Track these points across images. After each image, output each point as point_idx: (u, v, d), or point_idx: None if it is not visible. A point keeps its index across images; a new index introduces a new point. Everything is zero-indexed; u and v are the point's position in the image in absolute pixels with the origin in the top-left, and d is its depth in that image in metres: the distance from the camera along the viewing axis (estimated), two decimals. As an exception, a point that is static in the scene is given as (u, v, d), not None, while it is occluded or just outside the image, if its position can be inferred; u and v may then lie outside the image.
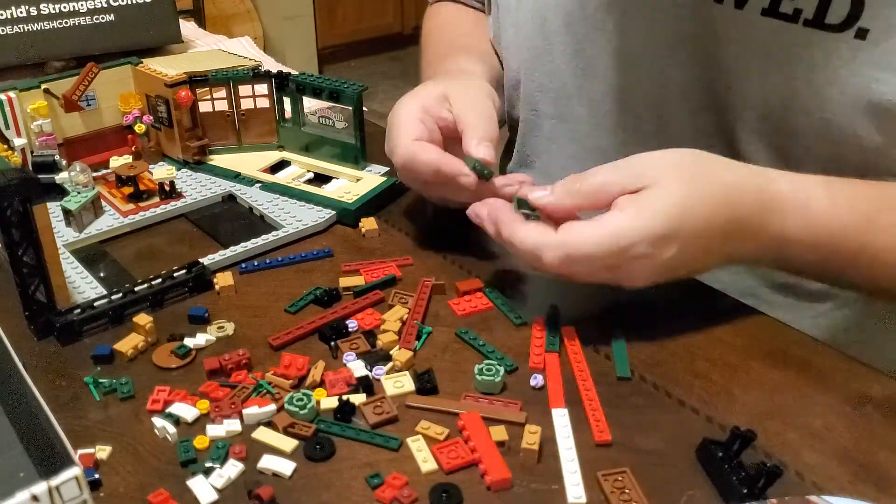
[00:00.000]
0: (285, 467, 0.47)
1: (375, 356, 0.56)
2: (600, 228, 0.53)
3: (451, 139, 0.65)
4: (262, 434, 0.50)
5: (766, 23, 0.63)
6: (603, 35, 0.73)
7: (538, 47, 0.79)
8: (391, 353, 0.56)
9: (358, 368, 0.55)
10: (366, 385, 0.53)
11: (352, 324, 0.59)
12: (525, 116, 0.84)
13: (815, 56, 0.61)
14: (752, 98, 0.67)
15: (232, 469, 0.47)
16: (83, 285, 0.64)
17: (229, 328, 0.59)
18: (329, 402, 0.52)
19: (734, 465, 0.46)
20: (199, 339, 0.58)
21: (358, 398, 0.52)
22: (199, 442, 0.49)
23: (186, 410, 0.51)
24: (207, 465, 0.47)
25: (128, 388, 0.53)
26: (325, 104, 0.80)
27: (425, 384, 0.53)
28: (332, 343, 0.57)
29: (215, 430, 0.50)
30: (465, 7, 0.96)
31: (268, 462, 0.48)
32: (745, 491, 0.44)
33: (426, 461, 0.48)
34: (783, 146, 0.67)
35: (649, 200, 0.53)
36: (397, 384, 0.53)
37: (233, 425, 0.50)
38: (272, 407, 0.51)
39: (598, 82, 0.76)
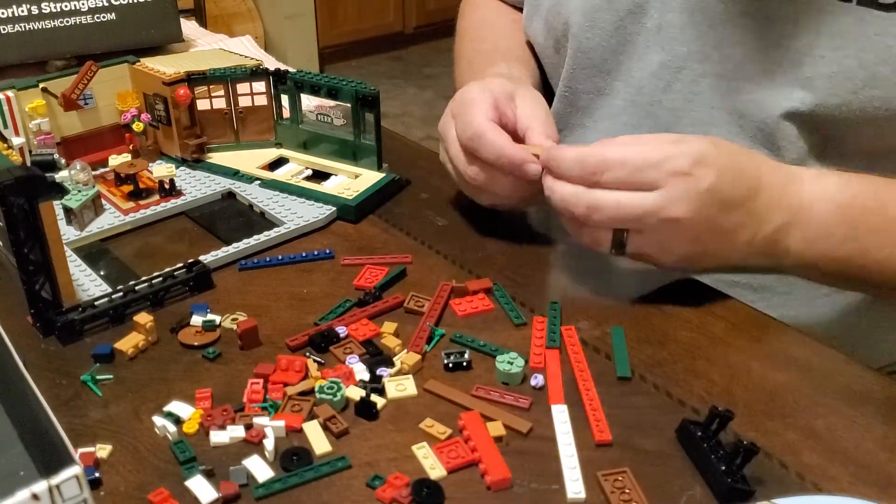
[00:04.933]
0: (262, 473, 0.47)
1: (378, 359, 0.56)
2: (641, 139, 0.58)
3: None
4: (307, 427, 0.50)
5: (820, 1, 0.64)
6: (644, 11, 0.74)
7: (579, 23, 0.79)
8: (395, 358, 0.56)
9: (360, 371, 0.55)
10: (375, 388, 0.53)
11: (342, 330, 0.58)
12: (560, 92, 0.84)
13: (866, 34, 0.63)
14: (798, 76, 0.67)
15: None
16: (87, 283, 0.64)
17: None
18: (352, 392, 0.53)
19: (712, 444, 0.47)
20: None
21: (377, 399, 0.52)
22: (188, 427, 0.50)
23: (184, 410, 0.51)
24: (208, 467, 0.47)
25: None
26: (327, 102, 0.80)
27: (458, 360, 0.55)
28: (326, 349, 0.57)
29: (219, 437, 0.50)
30: (502, 4, 0.95)
31: (248, 465, 0.48)
32: (723, 468, 0.45)
33: (433, 468, 0.47)
34: (824, 126, 0.67)
35: (685, 139, 0.58)
36: (399, 387, 0.53)
37: (236, 432, 0.50)
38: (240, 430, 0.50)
39: (638, 59, 0.76)
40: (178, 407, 0.52)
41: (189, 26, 1.29)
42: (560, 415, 0.51)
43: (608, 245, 0.59)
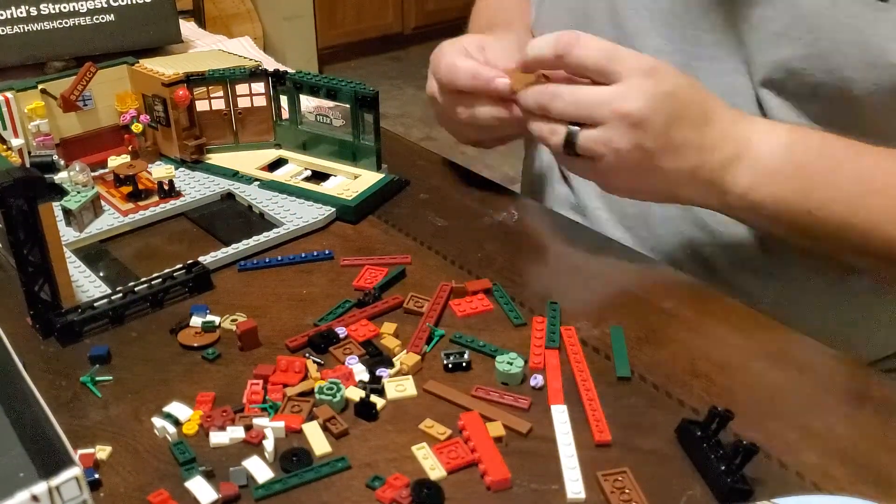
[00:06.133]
0: (262, 474, 0.47)
1: (377, 360, 0.56)
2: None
3: None
4: (307, 428, 0.50)
5: None
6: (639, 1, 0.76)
7: (576, 21, 0.79)
8: (395, 359, 0.56)
9: (360, 371, 0.55)
10: (375, 388, 0.53)
11: (341, 331, 0.58)
12: None
13: (838, 17, 0.63)
14: (777, 57, 0.67)
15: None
16: (86, 284, 0.64)
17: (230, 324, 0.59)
18: (352, 393, 0.53)
19: (712, 443, 0.47)
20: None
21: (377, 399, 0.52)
22: (188, 428, 0.50)
23: (184, 411, 0.51)
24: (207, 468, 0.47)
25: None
26: (326, 103, 0.80)
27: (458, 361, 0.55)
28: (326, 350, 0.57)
29: (218, 438, 0.50)
30: None
31: (248, 466, 0.48)
32: (723, 468, 0.45)
33: (433, 468, 0.47)
34: (804, 106, 0.68)
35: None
36: (399, 388, 0.53)
37: (236, 433, 0.50)
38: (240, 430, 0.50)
39: (637, 47, 0.76)
40: (177, 408, 0.52)
41: (188, 27, 1.29)
42: (560, 415, 0.51)
43: (561, 140, 0.61)
